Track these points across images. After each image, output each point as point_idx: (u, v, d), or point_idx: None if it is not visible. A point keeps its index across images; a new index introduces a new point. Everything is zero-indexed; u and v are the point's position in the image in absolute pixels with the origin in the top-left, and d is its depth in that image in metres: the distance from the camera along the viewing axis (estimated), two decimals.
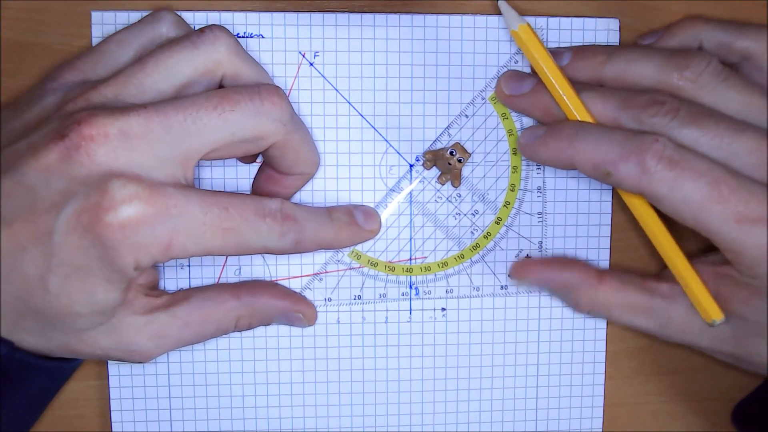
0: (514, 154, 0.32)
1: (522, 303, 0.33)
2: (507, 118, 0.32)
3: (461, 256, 0.32)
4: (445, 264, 0.32)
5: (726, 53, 0.30)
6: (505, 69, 0.31)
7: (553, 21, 0.31)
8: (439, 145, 0.31)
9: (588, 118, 0.28)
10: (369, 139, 0.31)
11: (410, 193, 0.32)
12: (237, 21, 0.30)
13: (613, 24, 0.32)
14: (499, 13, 0.31)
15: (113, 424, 0.31)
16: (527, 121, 0.32)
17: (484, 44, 0.31)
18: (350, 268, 0.32)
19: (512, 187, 0.32)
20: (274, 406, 0.32)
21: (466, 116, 0.31)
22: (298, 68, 0.31)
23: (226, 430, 0.32)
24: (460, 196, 0.32)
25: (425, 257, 0.32)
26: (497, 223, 0.32)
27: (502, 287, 0.32)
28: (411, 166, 0.32)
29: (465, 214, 0.32)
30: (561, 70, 0.29)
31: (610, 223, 0.33)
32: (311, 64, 0.31)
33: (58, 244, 0.24)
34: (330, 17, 0.30)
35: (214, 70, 0.26)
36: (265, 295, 0.30)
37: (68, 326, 0.25)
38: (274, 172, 0.29)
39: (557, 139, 0.28)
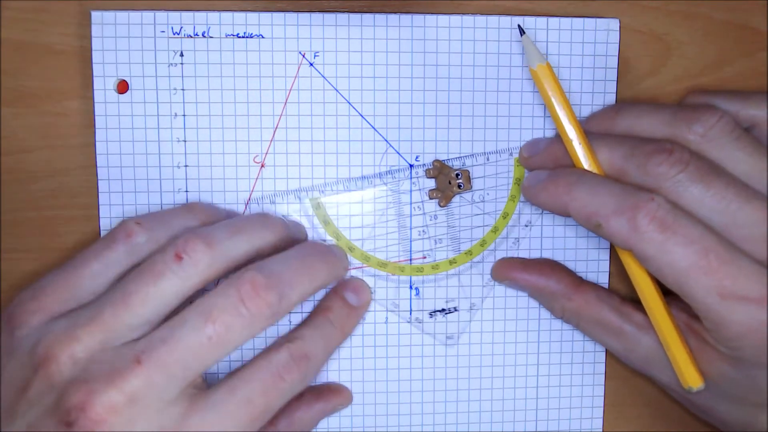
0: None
1: (522, 303, 0.33)
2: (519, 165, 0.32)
3: (461, 257, 0.32)
4: (445, 265, 0.32)
5: None
6: (506, 68, 0.31)
7: (553, 21, 0.31)
8: (452, 163, 0.31)
9: (595, 165, 0.28)
10: (369, 139, 0.31)
11: (410, 193, 0.32)
12: (237, 21, 0.30)
13: (613, 24, 0.32)
14: (499, 13, 0.31)
15: None
16: None
17: (484, 44, 0.31)
18: (351, 268, 0.32)
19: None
20: None
21: (488, 159, 0.32)
22: (298, 68, 0.31)
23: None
24: (462, 197, 0.32)
25: (425, 258, 0.32)
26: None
27: (502, 287, 0.33)
28: (411, 166, 0.32)
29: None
30: (574, 115, 0.29)
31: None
32: (311, 64, 0.31)
33: None
34: (330, 17, 0.30)
35: (201, 286, 0.26)
36: (297, 411, 0.30)
37: None
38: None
39: (556, 185, 0.28)
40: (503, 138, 0.32)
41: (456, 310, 0.32)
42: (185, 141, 0.31)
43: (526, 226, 0.32)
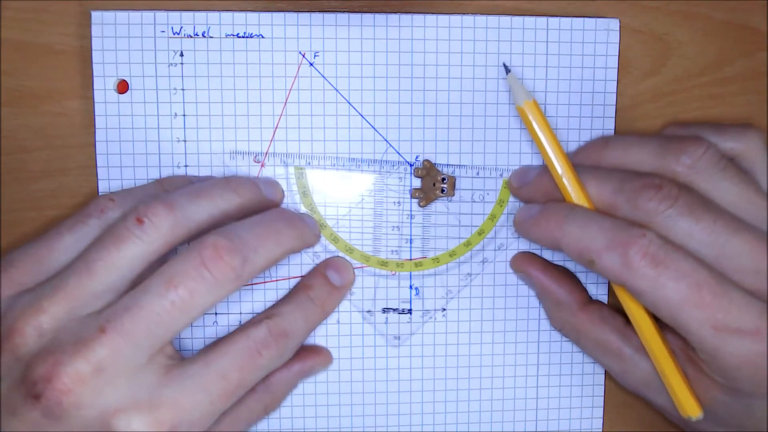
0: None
1: (522, 303, 0.33)
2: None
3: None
4: (445, 263, 0.32)
5: None
6: (504, 67, 0.31)
7: (553, 21, 0.31)
8: (443, 168, 0.31)
9: (584, 199, 0.28)
10: (369, 139, 0.31)
11: (410, 192, 0.32)
12: (237, 21, 0.30)
13: (613, 24, 0.32)
14: (499, 13, 0.31)
15: None
16: None
17: (484, 44, 0.31)
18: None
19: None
20: None
21: (477, 173, 0.32)
22: (298, 68, 0.31)
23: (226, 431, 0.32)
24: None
25: (425, 257, 0.32)
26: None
27: (501, 287, 0.33)
28: (411, 165, 0.32)
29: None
30: (562, 150, 0.29)
31: None
32: (311, 64, 0.31)
33: None
34: (330, 17, 0.30)
35: (165, 250, 0.26)
36: (276, 373, 0.30)
37: None
38: None
39: (548, 220, 0.28)
40: (503, 138, 0.32)
41: (409, 312, 0.32)
42: (185, 141, 0.31)
43: (499, 249, 0.32)
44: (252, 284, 0.31)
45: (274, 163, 0.31)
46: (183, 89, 0.30)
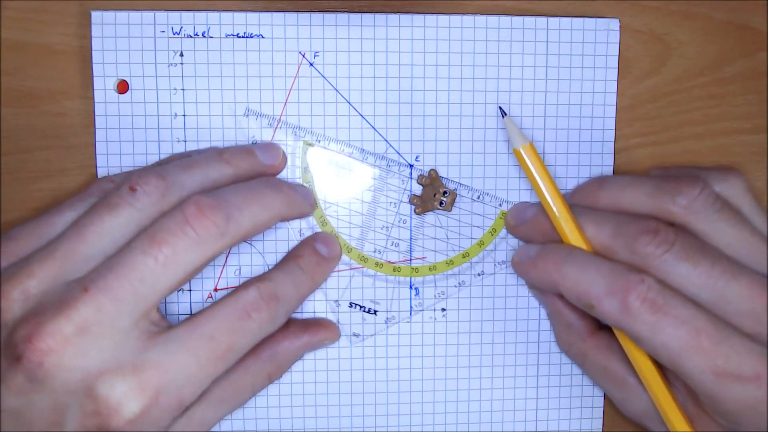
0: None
1: (522, 303, 0.33)
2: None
3: (460, 257, 0.32)
4: (445, 265, 0.32)
5: None
6: (506, 69, 0.31)
7: (553, 21, 0.31)
8: (447, 182, 0.31)
9: (582, 242, 0.28)
10: (369, 139, 0.31)
11: (410, 193, 0.32)
12: (237, 21, 0.30)
13: (613, 24, 0.32)
14: (499, 13, 0.31)
15: None
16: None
17: (484, 44, 0.31)
18: (351, 269, 0.32)
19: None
20: (274, 406, 0.32)
21: (478, 197, 0.32)
22: (298, 68, 0.31)
23: (226, 430, 0.32)
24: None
25: (425, 257, 0.32)
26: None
27: (502, 287, 0.32)
28: (411, 166, 0.32)
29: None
30: (559, 192, 0.29)
31: None
32: (311, 64, 0.31)
33: None
34: (330, 17, 0.30)
35: (156, 216, 0.26)
36: (283, 342, 0.30)
37: None
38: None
39: (546, 261, 0.28)
40: (503, 138, 0.32)
41: (374, 313, 0.32)
42: (185, 141, 0.31)
43: (479, 274, 0.32)
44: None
45: (287, 140, 0.31)
46: (183, 89, 0.30)
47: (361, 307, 0.32)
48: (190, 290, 0.31)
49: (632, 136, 0.33)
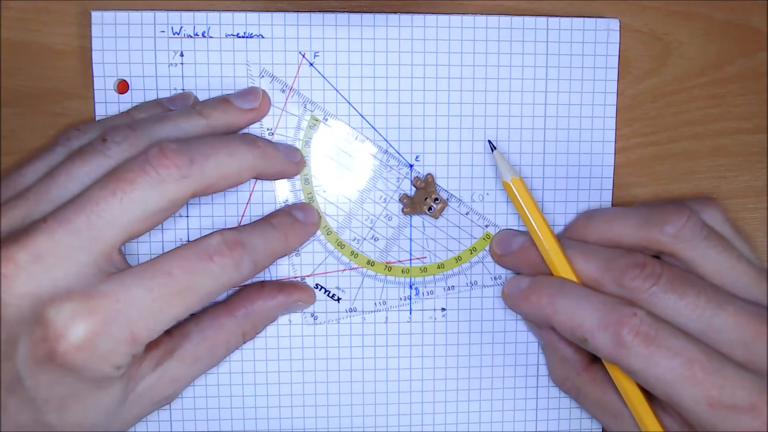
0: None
1: None
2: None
3: (460, 258, 0.32)
4: (444, 265, 0.32)
5: None
6: (507, 67, 0.31)
7: (553, 21, 0.31)
8: (442, 191, 0.31)
9: (572, 275, 0.29)
10: (369, 139, 0.31)
11: (402, 192, 0.32)
12: (237, 21, 0.30)
13: (613, 24, 0.32)
14: (499, 13, 0.31)
15: None
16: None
17: (484, 44, 0.31)
18: (350, 269, 0.32)
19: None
20: (274, 406, 0.32)
21: (467, 213, 0.32)
22: (298, 68, 0.31)
23: (226, 430, 0.32)
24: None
25: (425, 258, 0.32)
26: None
27: (501, 288, 0.32)
28: (411, 166, 0.32)
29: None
30: (549, 226, 0.29)
31: None
32: (311, 64, 0.31)
33: (32, 387, 0.23)
34: (330, 17, 0.30)
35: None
36: (258, 300, 0.30)
37: None
38: None
39: (538, 295, 0.29)
40: (503, 138, 0.32)
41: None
42: None
43: (451, 289, 0.32)
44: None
45: (300, 118, 0.31)
46: (183, 89, 0.30)
47: (326, 291, 0.32)
48: None
49: (632, 136, 0.33)
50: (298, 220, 0.30)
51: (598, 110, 0.32)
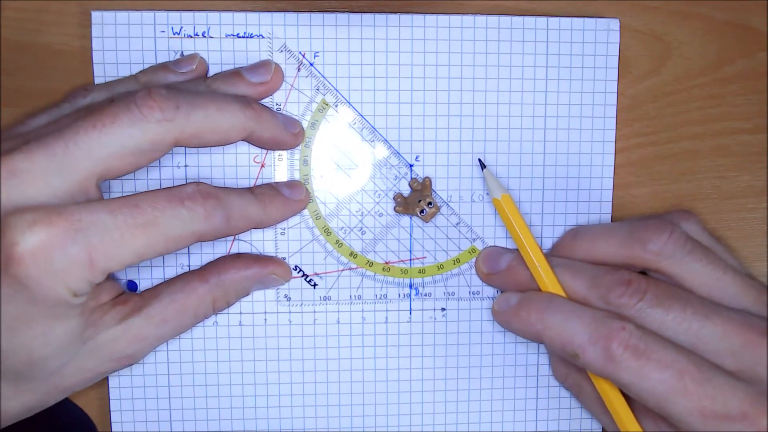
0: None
1: None
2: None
3: (459, 259, 0.32)
4: (444, 266, 0.32)
5: None
6: (506, 67, 0.31)
7: (553, 21, 0.31)
8: (438, 196, 0.31)
9: (560, 291, 0.29)
10: (376, 135, 0.31)
11: (397, 190, 0.32)
12: (237, 21, 0.30)
13: (613, 24, 0.32)
14: (499, 13, 0.31)
15: (113, 424, 0.31)
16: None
17: (484, 44, 0.31)
18: (349, 269, 0.32)
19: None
20: (274, 406, 0.32)
21: (456, 224, 0.32)
22: (298, 68, 0.31)
23: (225, 430, 0.32)
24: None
25: (425, 258, 0.32)
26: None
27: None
28: (410, 166, 0.32)
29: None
30: (536, 243, 0.30)
31: None
32: (311, 64, 0.31)
33: None
34: (330, 17, 0.30)
35: None
36: (231, 269, 0.30)
37: (42, 371, 0.25)
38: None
39: (528, 311, 0.29)
40: (503, 138, 0.32)
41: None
42: None
43: (428, 296, 0.32)
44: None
45: (313, 91, 0.31)
46: None
47: (304, 274, 0.32)
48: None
49: (632, 136, 0.33)
50: (280, 194, 0.30)
51: (598, 110, 0.32)
